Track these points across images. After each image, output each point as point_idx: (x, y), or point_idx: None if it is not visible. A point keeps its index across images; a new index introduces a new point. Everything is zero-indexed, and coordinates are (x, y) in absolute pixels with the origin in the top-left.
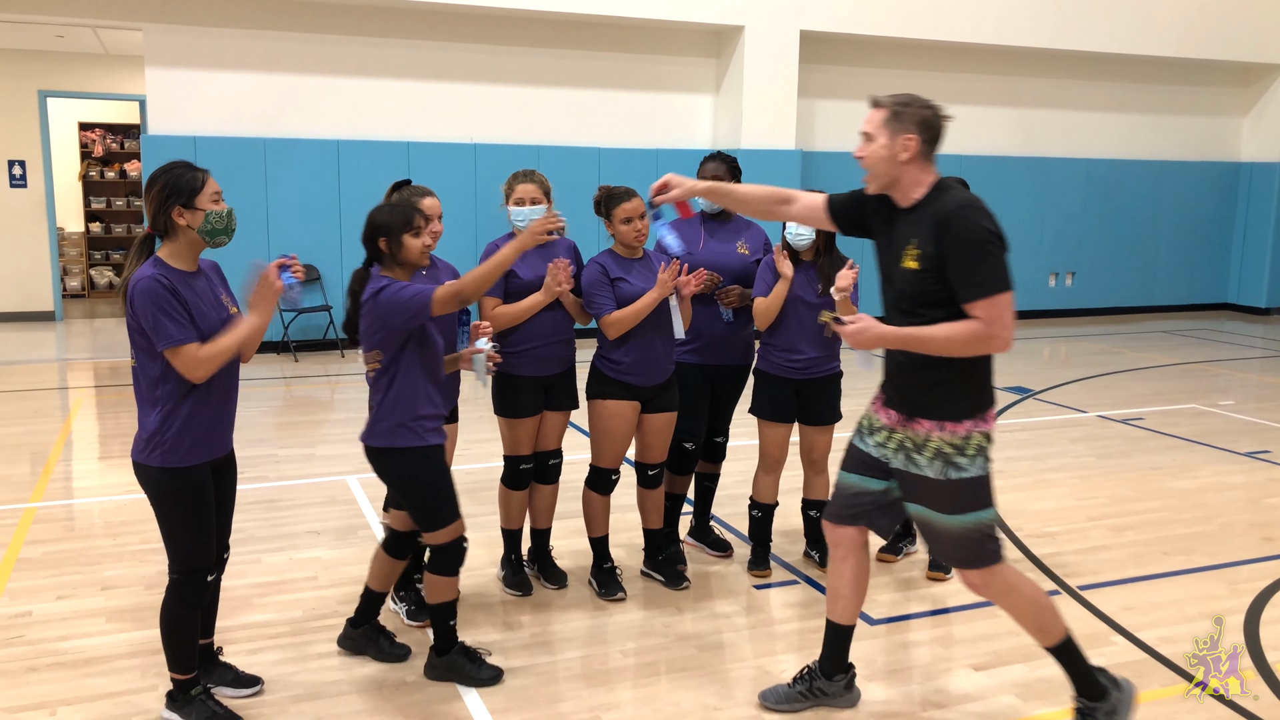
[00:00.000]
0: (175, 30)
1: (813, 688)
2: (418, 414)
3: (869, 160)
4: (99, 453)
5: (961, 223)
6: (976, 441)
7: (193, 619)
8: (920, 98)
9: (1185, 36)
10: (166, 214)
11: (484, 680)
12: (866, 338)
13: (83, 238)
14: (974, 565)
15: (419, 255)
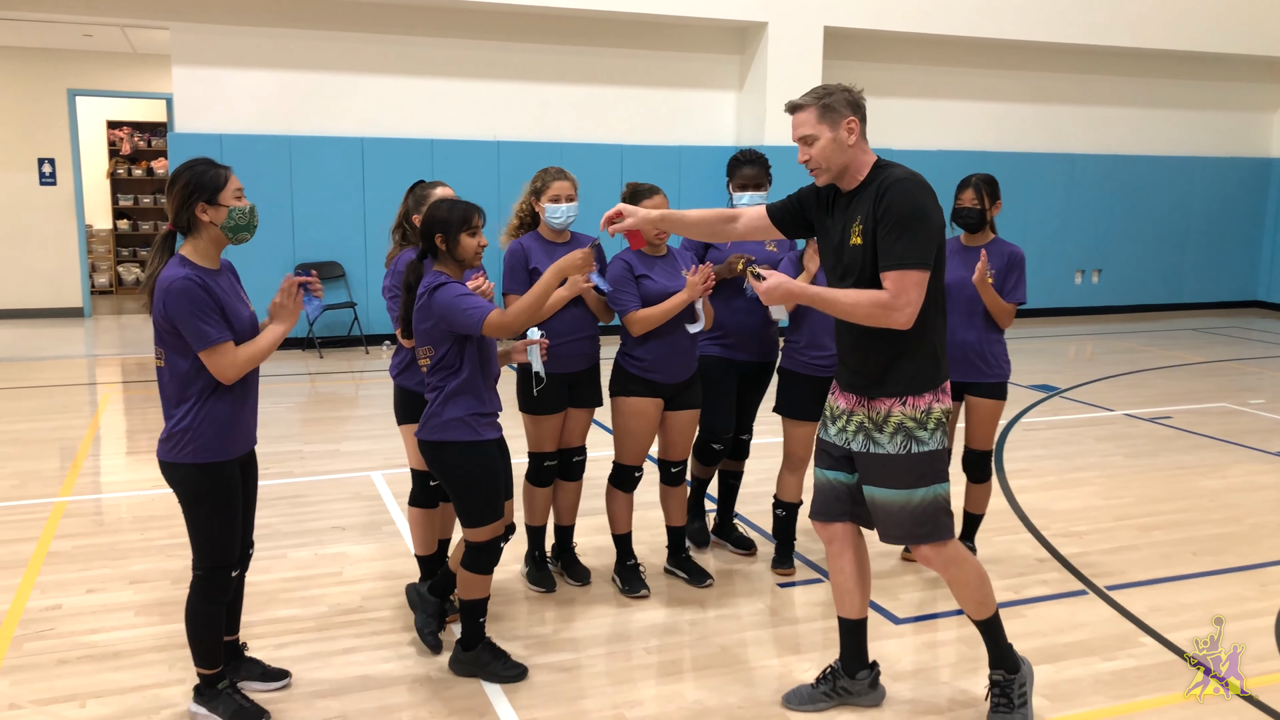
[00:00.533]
0: (202, 29)
1: (836, 687)
2: (473, 410)
3: (819, 158)
4: (126, 448)
5: (895, 194)
6: (936, 415)
7: (217, 614)
8: (835, 85)
9: (1213, 30)
10: (190, 211)
11: (508, 677)
12: (779, 293)
13: (110, 235)
14: (930, 539)
15: (474, 255)
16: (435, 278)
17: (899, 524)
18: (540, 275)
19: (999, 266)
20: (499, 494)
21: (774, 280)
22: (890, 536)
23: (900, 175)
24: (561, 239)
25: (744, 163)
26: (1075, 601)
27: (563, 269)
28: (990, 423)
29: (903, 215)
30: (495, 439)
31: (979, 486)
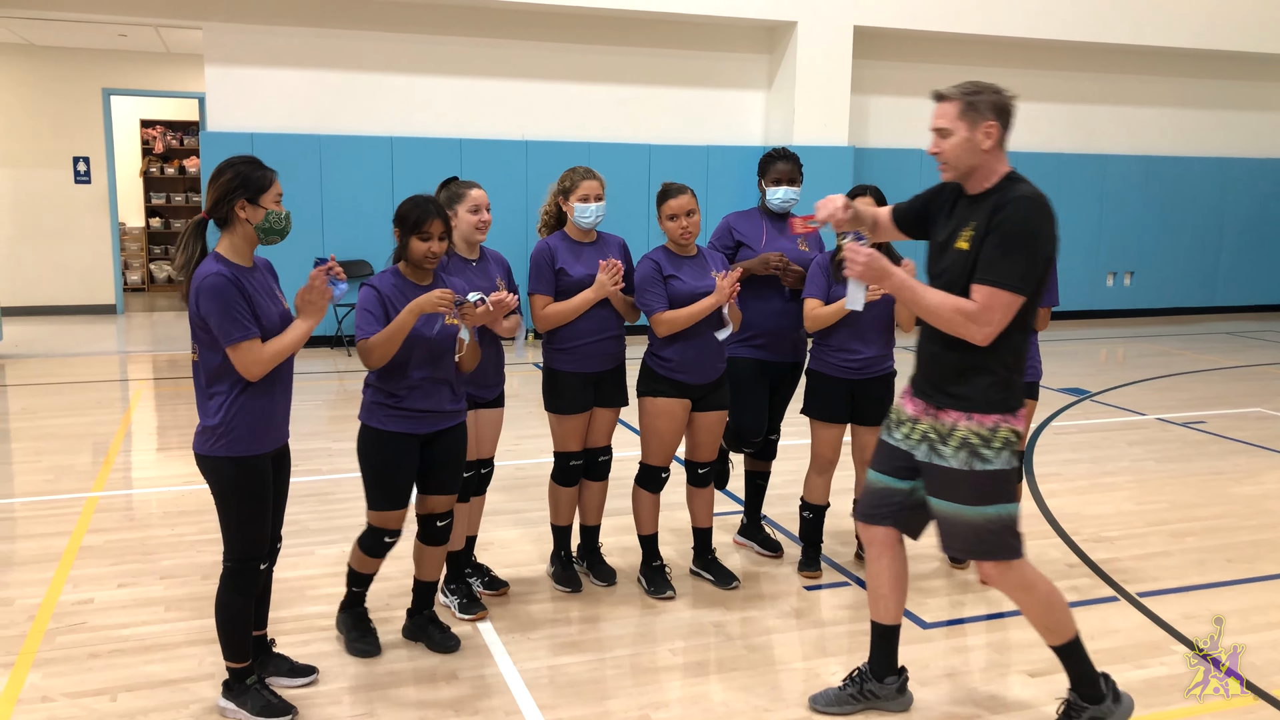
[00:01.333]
0: (234, 29)
1: (864, 690)
2: (383, 391)
3: (948, 154)
4: (157, 444)
5: (1013, 210)
6: (1004, 435)
7: (246, 607)
8: (987, 84)
9: (1249, 29)
10: (229, 205)
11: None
12: (873, 270)
13: (143, 233)
14: (991, 557)
15: (421, 258)
16: (371, 279)
17: (959, 537)
18: (568, 275)
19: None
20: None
21: (871, 256)
22: (950, 549)
23: (1025, 193)
24: (588, 239)
25: (778, 158)
26: (1106, 608)
27: (419, 307)
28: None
29: (1013, 234)
30: (400, 433)
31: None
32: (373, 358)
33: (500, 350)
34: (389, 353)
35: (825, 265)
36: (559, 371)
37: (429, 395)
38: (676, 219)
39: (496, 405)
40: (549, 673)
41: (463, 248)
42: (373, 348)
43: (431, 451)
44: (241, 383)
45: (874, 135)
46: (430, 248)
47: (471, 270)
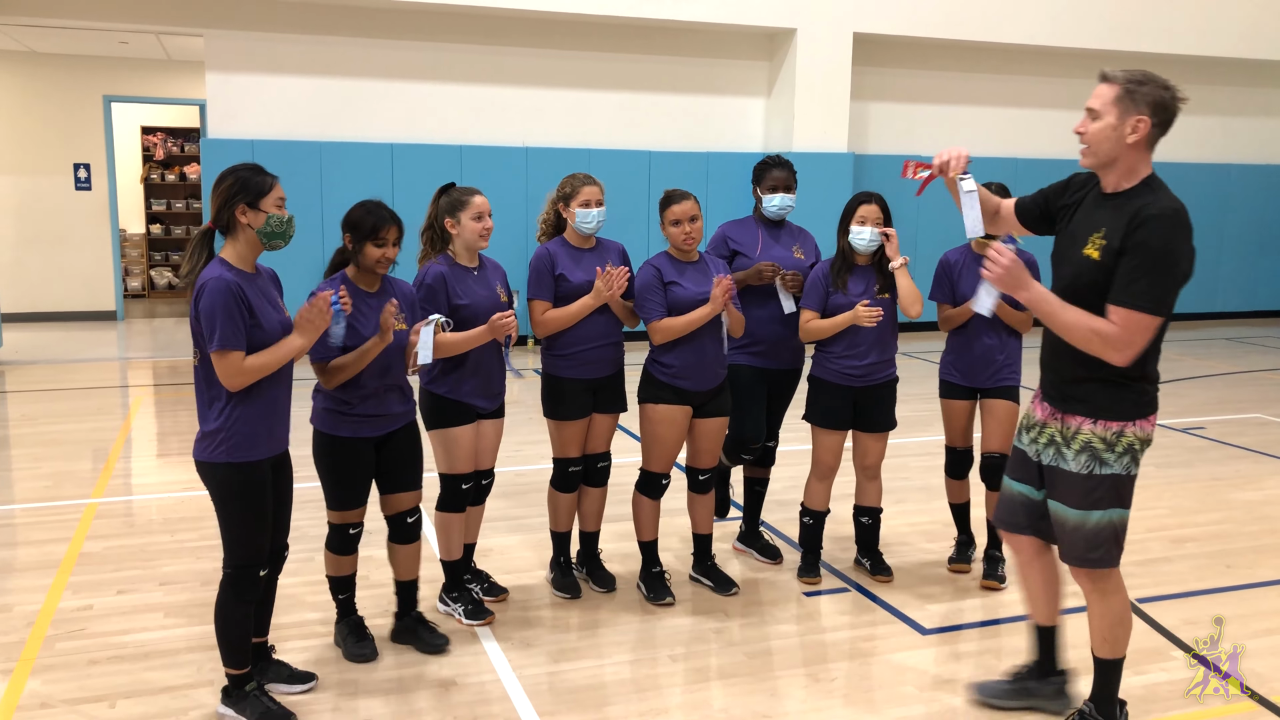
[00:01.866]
0: (235, 36)
1: (1026, 687)
2: (335, 398)
3: (1091, 137)
4: (157, 450)
5: (1153, 230)
6: (1128, 441)
7: (246, 614)
8: (1156, 76)
9: (1248, 36)
10: (230, 210)
11: (352, 655)
12: (1012, 277)
13: (144, 239)
14: (1100, 565)
15: (375, 264)
16: (322, 285)
17: (1072, 544)
18: (567, 281)
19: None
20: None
21: (1014, 264)
22: (1066, 556)
23: (1164, 208)
24: (588, 245)
25: (774, 165)
26: None
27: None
28: (1010, 424)
29: (1154, 255)
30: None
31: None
32: (334, 380)
33: (503, 360)
34: (350, 375)
35: (824, 275)
36: (558, 378)
37: (381, 402)
38: (680, 224)
39: (498, 415)
40: (548, 679)
41: (464, 256)
42: (333, 372)
43: (386, 452)
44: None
45: (874, 142)
46: (385, 253)
47: (473, 279)
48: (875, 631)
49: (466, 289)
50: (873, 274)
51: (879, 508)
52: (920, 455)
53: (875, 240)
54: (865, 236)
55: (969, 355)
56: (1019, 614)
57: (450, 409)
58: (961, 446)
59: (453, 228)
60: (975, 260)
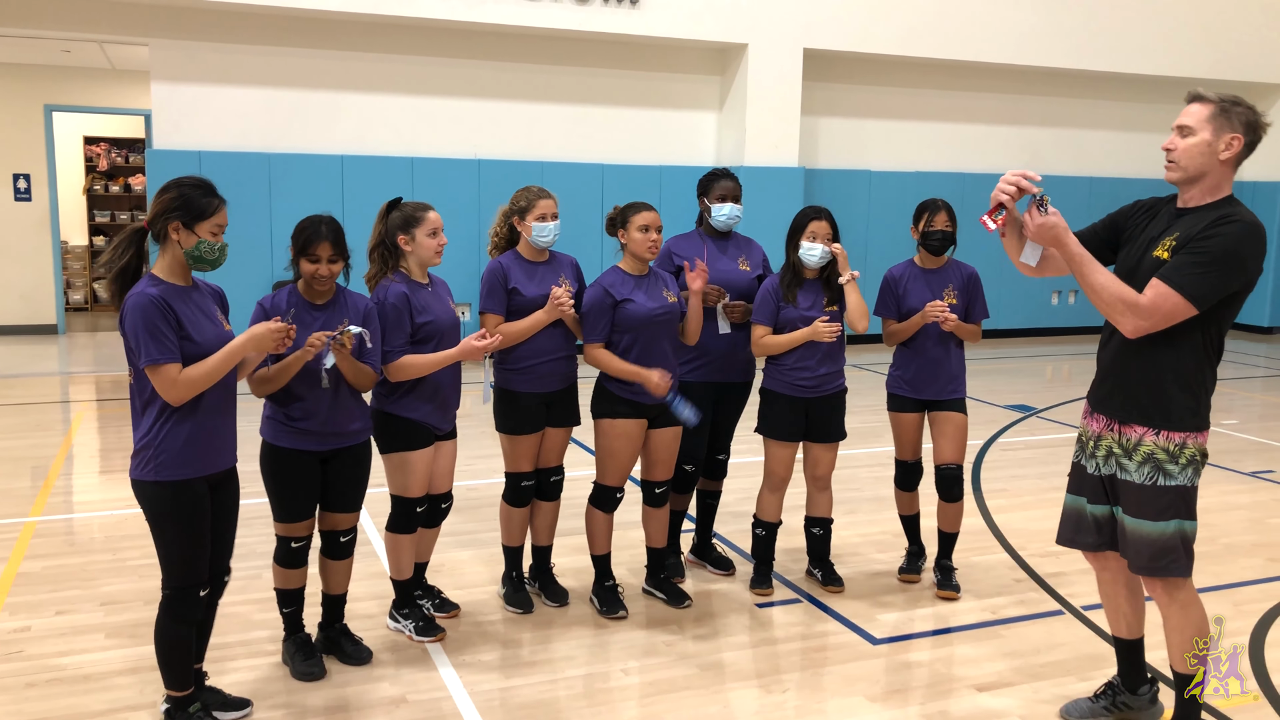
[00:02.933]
0: (181, 45)
1: (1116, 701)
2: (282, 410)
3: (1182, 153)
4: (100, 467)
5: (1229, 232)
6: (1190, 451)
7: (186, 635)
8: (1245, 100)
9: (1190, 56)
10: (164, 223)
11: (297, 673)
12: (1054, 232)
13: (86, 251)
14: (1166, 574)
15: (308, 279)
16: (270, 297)
17: (1139, 553)
18: (521, 295)
19: (960, 288)
20: (293, 498)
21: (1055, 218)
22: (1132, 565)
23: (1245, 219)
24: (541, 258)
25: (722, 176)
26: (1052, 622)
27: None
28: (961, 436)
29: (1219, 253)
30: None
31: (952, 505)
32: (261, 389)
33: (459, 381)
34: (274, 388)
35: (774, 289)
36: (512, 392)
37: (326, 419)
38: (648, 231)
39: (452, 436)
40: (500, 695)
41: (418, 273)
42: (259, 383)
43: (332, 469)
44: (171, 405)
45: (824, 157)
46: (318, 270)
47: (428, 294)
48: (827, 642)
49: (426, 307)
50: (820, 288)
51: (830, 518)
52: (870, 466)
53: (825, 256)
54: (816, 253)
55: (917, 368)
56: (969, 623)
57: (407, 431)
58: (911, 459)
59: (406, 244)
60: (919, 275)
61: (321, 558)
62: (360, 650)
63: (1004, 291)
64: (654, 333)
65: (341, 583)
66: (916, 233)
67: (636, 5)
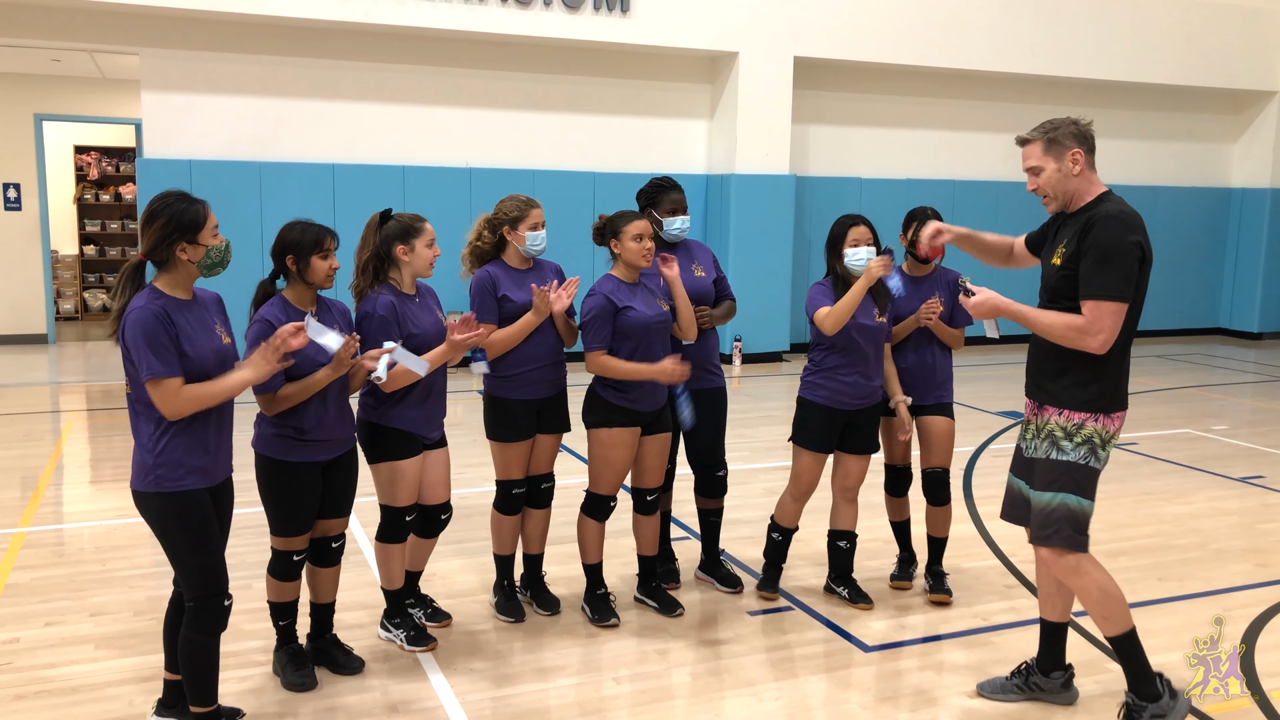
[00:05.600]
0: (172, 55)
1: (1029, 682)
2: (286, 424)
3: (1045, 187)
4: (90, 477)
5: (1102, 229)
6: (1086, 433)
7: (213, 647)
8: (1062, 118)
9: (1176, 64)
10: (169, 249)
11: (289, 684)
12: (986, 308)
13: (76, 260)
14: (1048, 544)
15: (324, 278)
16: (266, 308)
17: (1032, 523)
18: (511, 302)
19: (945, 294)
20: (292, 512)
21: (983, 296)
22: (1032, 530)
23: (1111, 211)
24: (527, 265)
25: (669, 188)
26: None
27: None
28: (948, 440)
29: (1105, 249)
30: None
31: (940, 509)
32: (277, 408)
33: (445, 388)
34: (297, 403)
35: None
36: (502, 399)
37: (333, 426)
38: (642, 239)
39: (442, 444)
40: (492, 705)
41: (408, 284)
42: (280, 401)
43: (329, 476)
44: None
45: (814, 164)
46: (331, 264)
47: (417, 306)
48: (818, 649)
49: (416, 318)
50: (870, 298)
51: (855, 532)
52: None
53: (870, 258)
54: (862, 257)
55: (905, 374)
56: (960, 629)
57: (395, 441)
58: (901, 464)
59: (405, 254)
60: (908, 282)
61: (310, 566)
62: (352, 660)
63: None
64: (652, 339)
65: (330, 591)
66: (905, 240)
67: (628, 14)
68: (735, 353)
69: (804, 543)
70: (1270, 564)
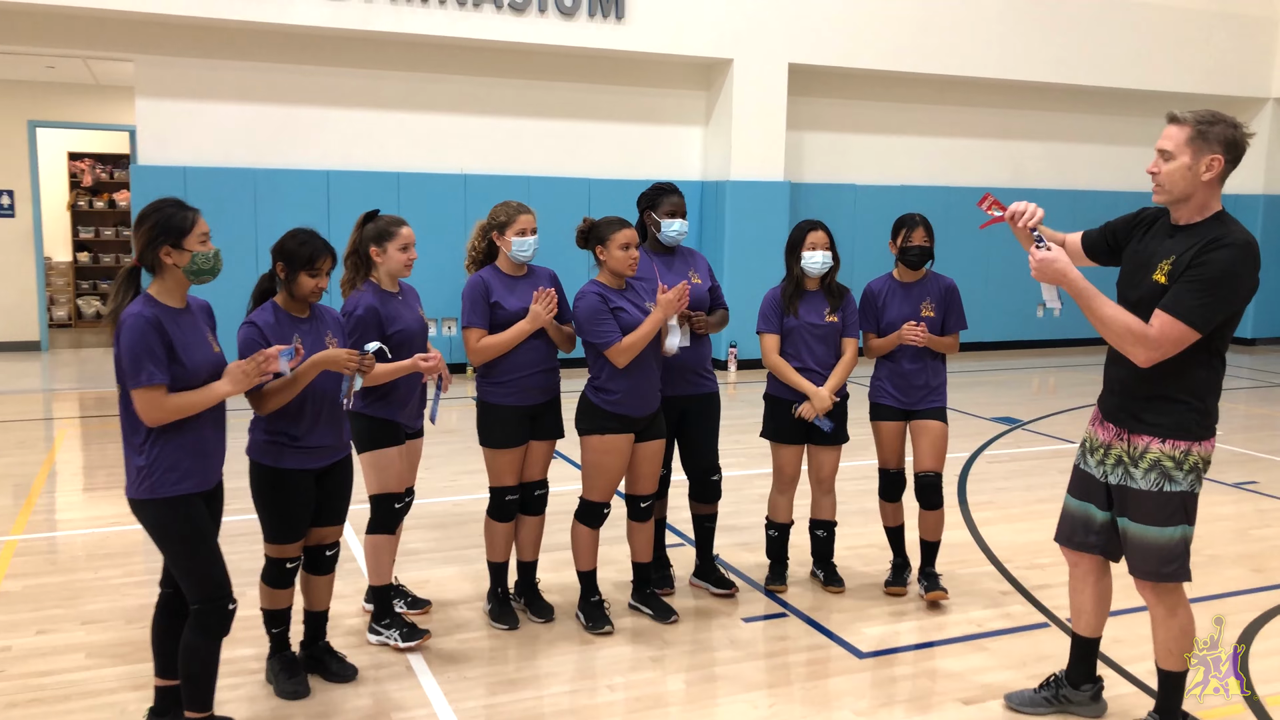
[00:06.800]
0: (166, 61)
1: (1059, 694)
2: (281, 430)
3: (1165, 177)
4: (83, 484)
5: (1221, 256)
6: (1194, 460)
7: (213, 651)
8: (1224, 115)
9: (1170, 71)
10: (154, 252)
11: (282, 691)
12: (1051, 270)
13: (70, 267)
14: (1172, 579)
15: (309, 294)
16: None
17: (1145, 559)
18: (503, 309)
19: (937, 300)
20: (285, 519)
21: (1055, 254)
22: (1137, 570)
23: (1237, 239)
24: (520, 272)
25: (669, 192)
26: (1039, 634)
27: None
28: (941, 444)
29: (1214, 277)
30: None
31: (932, 513)
32: (266, 405)
33: (423, 381)
34: (284, 401)
35: (776, 301)
36: (495, 405)
37: (326, 432)
38: (629, 249)
39: (420, 435)
40: (486, 713)
41: (388, 282)
42: (268, 395)
43: (324, 484)
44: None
45: (809, 171)
46: (319, 283)
47: (398, 303)
48: (813, 656)
49: (396, 315)
50: (823, 297)
51: (834, 520)
52: (853, 479)
53: (827, 263)
54: (818, 260)
55: (900, 378)
56: (955, 636)
57: (383, 430)
58: (895, 468)
59: (378, 256)
60: (898, 289)
61: (304, 574)
62: (345, 668)
63: (989, 304)
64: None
65: (324, 598)
66: (895, 247)
67: (623, 20)
68: (730, 359)
69: (798, 547)
70: (1265, 569)
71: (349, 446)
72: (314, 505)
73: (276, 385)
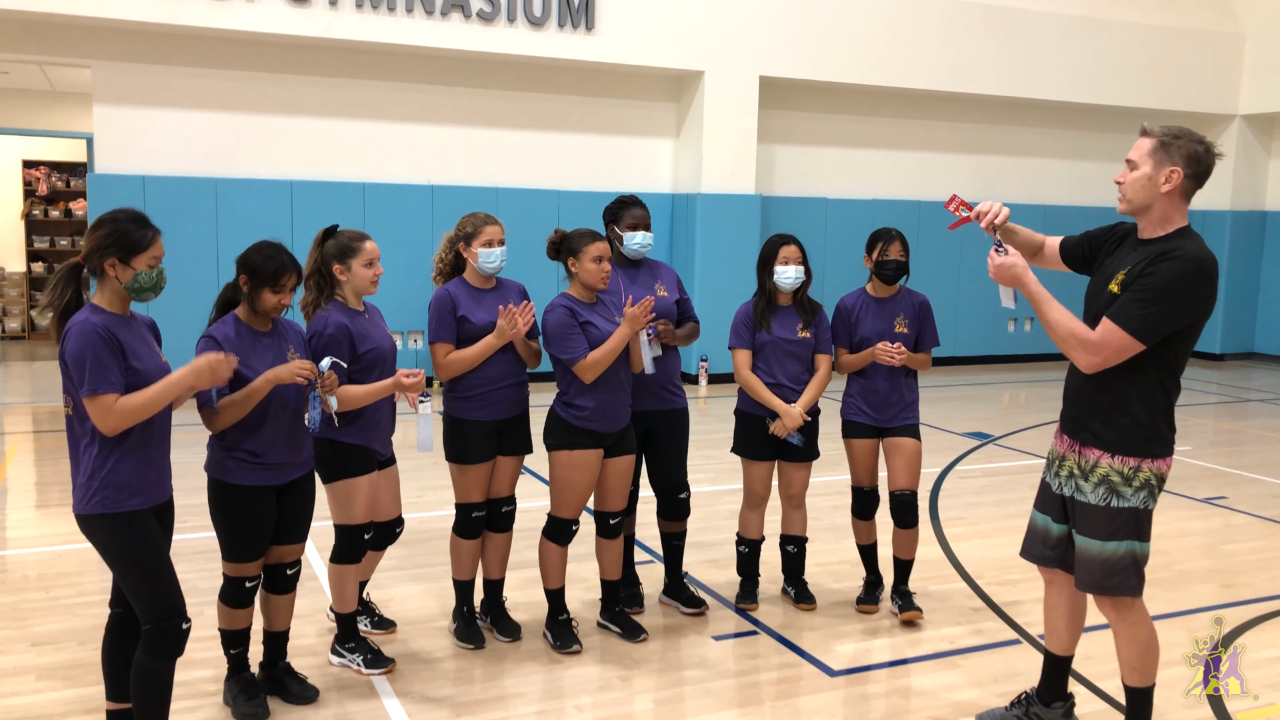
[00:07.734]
0: (125, 68)
1: (1029, 712)
2: (240, 447)
3: (1127, 186)
4: (35, 501)
5: (1172, 267)
6: (1145, 477)
7: (167, 673)
8: (1193, 132)
9: (1138, 87)
10: (100, 260)
11: (239, 714)
12: (1009, 273)
13: (24, 278)
14: (1115, 593)
15: (271, 309)
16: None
17: (1090, 571)
18: (470, 323)
19: (911, 316)
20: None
21: (1013, 259)
22: (1081, 583)
23: (1193, 254)
24: (488, 285)
25: (632, 204)
26: (1010, 650)
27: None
28: (915, 462)
29: (1159, 287)
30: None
31: (907, 531)
32: (219, 422)
33: (395, 406)
34: (238, 417)
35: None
36: (462, 420)
37: (285, 449)
38: (601, 261)
39: (392, 462)
40: None
41: (354, 301)
42: (221, 410)
43: (284, 501)
44: (118, 435)
45: (780, 183)
46: (281, 300)
47: (365, 321)
48: (784, 674)
49: (367, 334)
50: (795, 312)
51: (804, 536)
52: (826, 495)
53: (800, 278)
54: (790, 275)
55: (873, 396)
56: (927, 653)
57: (352, 457)
58: (868, 486)
59: (342, 274)
60: (871, 304)
61: (264, 593)
62: (305, 689)
63: (961, 319)
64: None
65: (285, 618)
66: (870, 261)
67: (593, 31)
68: (701, 373)
69: (769, 564)
70: (1234, 585)
71: (310, 463)
72: (274, 523)
73: (232, 399)
